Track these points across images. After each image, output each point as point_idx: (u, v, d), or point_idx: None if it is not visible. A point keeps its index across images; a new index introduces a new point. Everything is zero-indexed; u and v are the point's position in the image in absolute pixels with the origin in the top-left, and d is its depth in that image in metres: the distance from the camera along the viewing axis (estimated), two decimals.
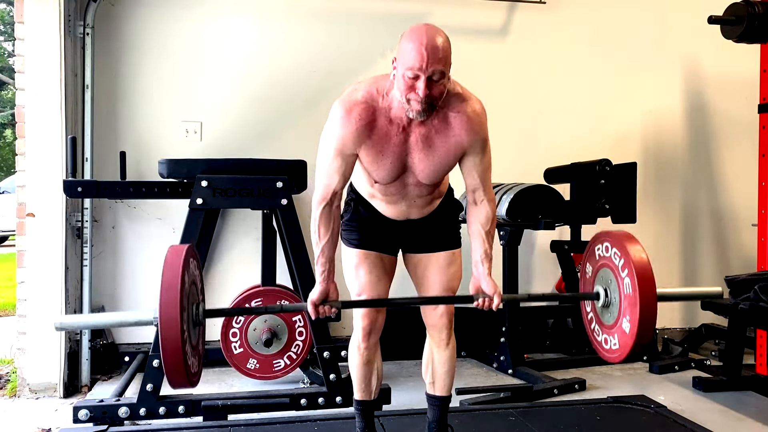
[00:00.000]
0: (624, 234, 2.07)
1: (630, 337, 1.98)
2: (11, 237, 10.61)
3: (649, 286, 1.93)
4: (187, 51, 3.90)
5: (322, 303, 1.99)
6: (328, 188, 1.98)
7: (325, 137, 1.97)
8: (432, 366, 2.25)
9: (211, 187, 2.94)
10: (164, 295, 1.74)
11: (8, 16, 17.95)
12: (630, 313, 1.97)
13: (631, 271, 1.95)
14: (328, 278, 2.02)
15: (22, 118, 3.28)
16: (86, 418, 2.70)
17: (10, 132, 18.09)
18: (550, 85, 4.32)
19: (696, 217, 4.54)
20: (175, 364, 1.73)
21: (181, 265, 1.79)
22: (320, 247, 2.02)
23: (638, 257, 1.96)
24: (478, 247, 2.06)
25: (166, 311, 1.72)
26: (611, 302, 2.08)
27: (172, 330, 1.71)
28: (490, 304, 2.01)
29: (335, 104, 1.94)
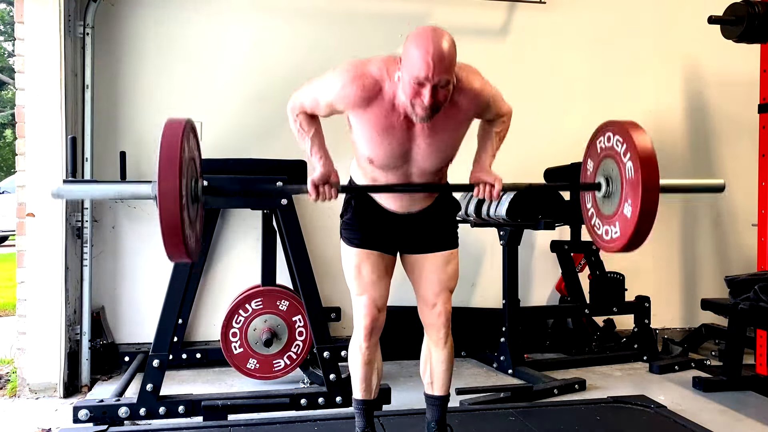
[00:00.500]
0: (628, 121, 2.05)
1: (631, 222, 1.94)
2: (11, 237, 10.61)
3: (652, 167, 1.90)
4: (188, 51, 3.90)
5: (323, 183, 2.00)
6: (302, 107, 2.03)
7: (328, 79, 1.96)
8: (430, 365, 2.25)
9: (211, 187, 2.94)
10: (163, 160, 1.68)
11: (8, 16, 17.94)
12: (632, 197, 1.94)
13: (635, 155, 1.92)
14: (327, 161, 2.04)
15: (22, 118, 3.28)
16: (86, 418, 2.70)
17: (10, 132, 18.09)
18: (550, 85, 4.32)
19: (696, 217, 4.54)
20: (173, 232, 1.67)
21: (180, 134, 1.73)
22: (309, 138, 2.05)
23: (641, 141, 1.93)
24: (486, 143, 2.09)
25: (165, 176, 1.66)
26: (612, 192, 2.06)
27: (170, 195, 1.66)
28: (491, 191, 2.01)
29: (349, 62, 1.94)
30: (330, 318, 3.90)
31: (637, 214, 1.92)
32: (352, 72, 1.90)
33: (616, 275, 4.03)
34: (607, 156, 2.09)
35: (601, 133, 2.15)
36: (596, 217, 2.18)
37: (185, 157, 1.75)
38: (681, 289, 4.54)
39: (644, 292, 4.02)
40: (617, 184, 2.03)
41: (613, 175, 2.06)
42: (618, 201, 2.02)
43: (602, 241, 2.15)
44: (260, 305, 3.21)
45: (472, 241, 4.15)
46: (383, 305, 2.17)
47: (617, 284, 4.00)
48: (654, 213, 1.93)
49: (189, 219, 1.78)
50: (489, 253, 4.23)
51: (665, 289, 4.45)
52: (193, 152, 1.90)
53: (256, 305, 3.21)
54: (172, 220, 1.67)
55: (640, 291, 4.04)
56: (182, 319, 3.05)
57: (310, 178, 2.00)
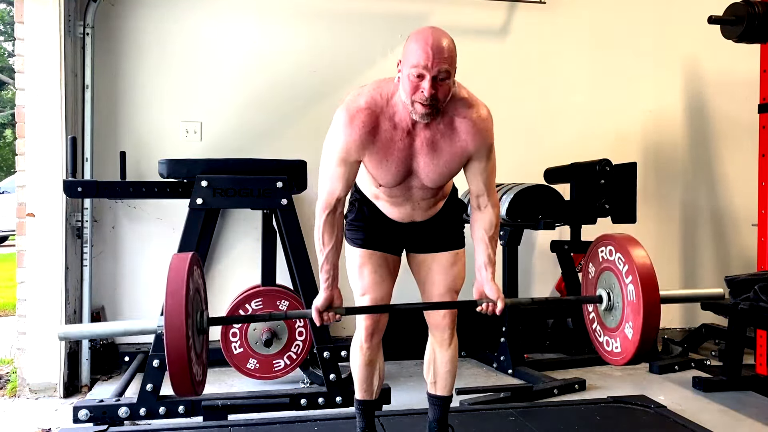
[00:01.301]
0: (628, 238, 2.07)
1: (633, 343, 1.99)
2: (11, 237, 10.60)
3: (653, 294, 1.94)
4: (188, 51, 3.90)
5: (326, 310, 2.00)
6: (332, 195, 1.98)
7: (328, 144, 1.96)
8: (434, 366, 2.25)
9: (211, 187, 2.94)
10: (170, 302, 1.73)
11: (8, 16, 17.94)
12: (633, 320, 1.98)
13: (635, 279, 1.95)
14: (332, 285, 2.02)
15: (22, 118, 3.28)
16: (86, 418, 2.71)
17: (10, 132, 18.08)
18: (550, 85, 4.32)
19: (696, 217, 4.54)
20: (181, 372, 1.73)
21: (185, 273, 1.78)
22: (324, 254, 2.02)
23: (642, 264, 1.96)
24: (482, 252, 2.07)
25: (171, 319, 1.71)
26: (614, 306, 2.09)
27: (177, 338, 1.71)
28: (494, 309, 2.02)
29: (338, 111, 1.93)
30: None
31: (638, 338, 1.96)
32: (346, 116, 1.90)
33: None
34: (608, 269, 2.12)
35: (602, 243, 2.17)
36: (597, 324, 2.21)
37: (191, 296, 1.79)
38: (682, 289, 4.53)
39: None
40: (618, 300, 2.07)
41: (614, 291, 2.10)
42: (619, 317, 2.06)
43: (603, 350, 2.18)
44: (260, 305, 3.21)
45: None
46: None
47: None
48: (656, 333, 1.97)
49: (195, 353, 1.83)
50: None
51: (665, 289, 4.43)
52: (198, 284, 1.93)
53: (256, 305, 3.21)
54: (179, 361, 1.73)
55: None
56: None
57: (315, 306, 2.00)
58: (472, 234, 2.11)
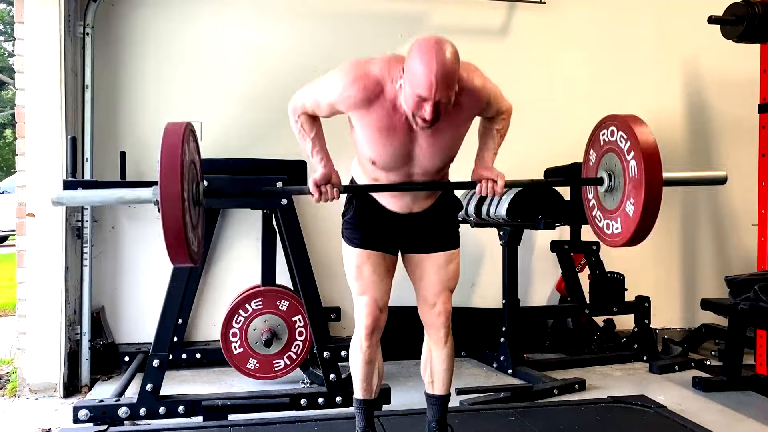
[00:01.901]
0: (631, 117, 2.04)
1: (633, 220, 1.95)
2: (11, 237, 10.60)
3: (655, 167, 1.90)
4: (188, 51, 3.90)
5: (324, 184, 2.00)
6: (304, 107, 2.02)
7: (329, 79, 1.95)
8: (431, 365, 2.25)
9: (212, 187, 2.94)
10: (165, 164, 1.67)
11: (8, 16, 17.94)
12: (635, 195, 1.94)
13: (638, 153, 1.92)
14: (328, 162, 2.04)
15: (22, 118, 3.28)
16: (86, 418, 2.70)
17: (10, 132, 18.09)
18: (550, 85, 4.32)
19: (696, 217, 4.54)
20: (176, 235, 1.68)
21: (180, 137, 1.73)
22: (310, 139, 2.05)
23: (645, 139, 1.93)
24: (487, 141, 2.10)
25: (166, 180, 1.66)
26: (615, 187, 2.06)
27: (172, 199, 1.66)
28: (494, 187, 2.02)
29: (351, 62, 1.94)
30: (330, 318, 3.90)
31: (639, 213, 1.92)
32: (353, 72, 1.90)
33: (616, 275, 4.03)
34: (610, 150, 2.09)
35: (604, 126, 2.14)
36: (597, 209, 2.18)
37: (186, 161, 1.76)
38: (681, 289, 4.54)
39: (644, 292, 4.02)
40: (620, 179, 2.03)
41: (615, 171, 2.06)
42: (620, 197, 2.02)
43: (603, 234, 2.15)
44: (260, 305, 3.21)
45: (472, 241, 4.15)
46: (384, 305, 2.17)
47: (617, 284, 4.00)
48: (657, 212, 1.94)
49: (191, 223, 1.79)
50: (489, 253, 4.23)
51: (665, 289, 4.45)
52: (194, 155, 1.90)
53: (256, 305, 3.21)
54: (175, 225, 1.68)
55: (640, 291, 4.04)
56: (182, 319, 3.04)
57: (312, 179, 2.01)
58: (480, 131, 2.13)
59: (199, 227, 1.89)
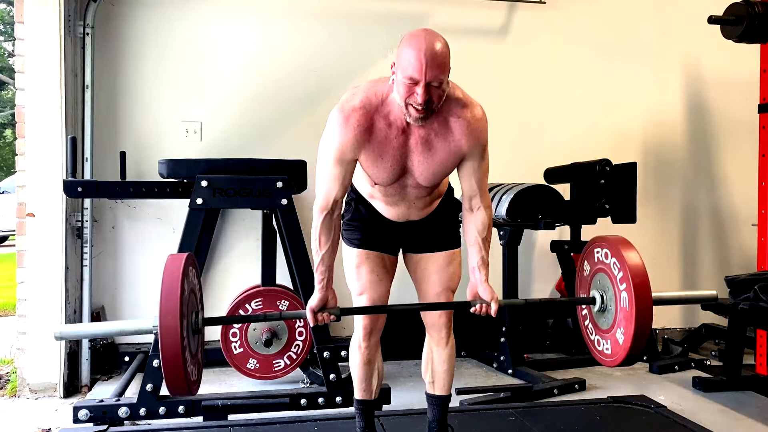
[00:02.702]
0: (623, 242, 2.06)
1: (623, 349, 2.01)
2: (11, 237, 10.60)
3: (646, 304, 1.94)
4: (188, 51, 3.90)
5: (320, 310, 2.00)
6: (329, 196, 1.99)
7: (324, 145, 1.97)
8: (431, 365, 2.25)
9: (211, 187, 2.94)
10: (164, 303, 1.74)
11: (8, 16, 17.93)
12: (625, 327, 1.99)
13: (629, 287, 1.96)
14: (326, 286, 2.03)
15: (22, 118, 3.28)
16: (86, 418, 2.71)
17: (10, 132, 18.08)
18: (549, 84, 4.32)
19: (696, 217, 4.54)
20: (175, 372, 1.74)
21: (180, 274, 1.79)
22: (320, 256, 2.03)
23: (637, 273, 1.96)
24: (475, 254, 2.07)
25: (165, 320, 1.73)
26: (607, 308, 2.10)
27: (171, 338, 1.72)
28: (488, 310, 2.02)
29: (333, 111, 1.94)
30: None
31: (629, 345, 1.98)
32: (341, 117, 1.90)
33: None
34: (603, 271, 2.12)
35: (597, 245, 2.16)
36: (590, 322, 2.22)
37: (185, 297, 1.80)
38: (681, 289, 4.53)
39: None
40: (611, 303, 2.08)
41: (607, 294, 2.10)
42: (612, 322, 2.07)
43: (594, 349, 2.21)
44: (260, 305, 3.21)
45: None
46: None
47: None
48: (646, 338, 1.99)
49: (190, 353, 1.84)
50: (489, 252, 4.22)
51: (665, 289, 4.40)
52: (194, 285, 1.93)
53: (256, 305, 3.21)
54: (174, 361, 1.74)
55: None
56: None
57: (309, 306, 2.00)
58: (464, 236, 2.12)
59: (198, 354, 1.94)
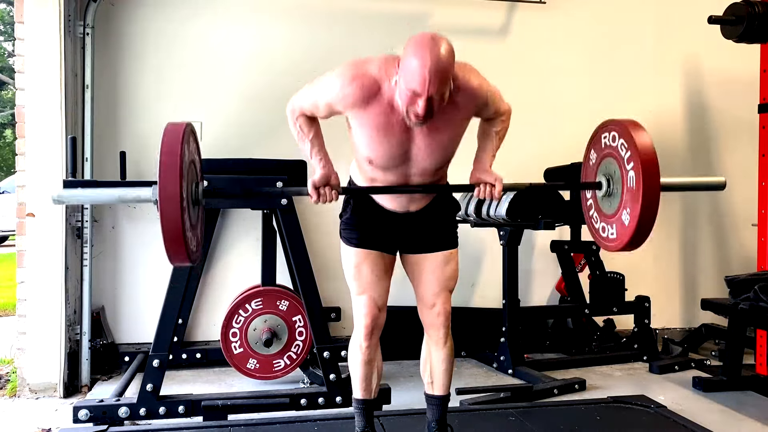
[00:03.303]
0: (633, 124, 2.04)
1: (629, 230, 1.97)
2: (11, 237, 10.60)
3: (653, 181, 1.91)
4: (188, 51, 3.90)
5: (323, 185, 2.01)
6: (302, 109, 2.02)
7: (327, 80, 1.96)
8: (430, 365, 2.25)
9: (211, 187, 2.94)
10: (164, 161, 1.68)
11: (8, 16, 17.93)
12: (631, 207, 1.96)
13: (637, 166, 1.92)
14: (327, 163, 2.05)
15: (22, 118, 3.28)
16: (86, 418, 2.71)
17: (10, 132, 18.08)
18: (550, 84, 4.32)
19: (696, 217, 4.54)
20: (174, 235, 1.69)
21: (180, 137, 1.74)
22: (308, 140, 2.05)
23: (645, 151, 1.93)
24: (486, 143, 2.09)
25: (165, 179, 1.67)
26: (613, 192, 2.07)
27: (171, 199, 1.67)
28: (492, 192, 2.02)
29: (348, 62, 1.94)
30: (330, 318, 3.90)
31: (634, 225, 1.95)
32: (351, 72, 1.91)
33: (616, 275, 4.03)
34: (610, 155, 2.09)
35: (606, 129, 2.14)
36: (595, 210, 2.19)
37: (185, 161, 1.76)
38: (681, 289, 4.54)
39: (644, 292, 4.02)
40: (618, 186, 2.04)
41: (614, 177, 2.06)
42: (618, 204, 2.03)
43: (599, 236, 2.17)
44: (260, 305, 3.21)
45: (472, 241, 4.15)
46: (383, 305, 2.17)
47: (617, 284, 4.00)
48: (652, 223, 1.96)
49: (190, 222, 1.79)
50: (489, 253, 4.23)
51: (665, 289, 4.45)
52: (194, 155, 1.90)
53: (256, 305, 3.21)
54: (173, 224, 1.68)
55: (640, 291, 4.04)
56: (182, 319, 3.05)
57: (311, 180, 2.01)
58: (479, 134, 2.13)
59: (198, 227, 1.89)
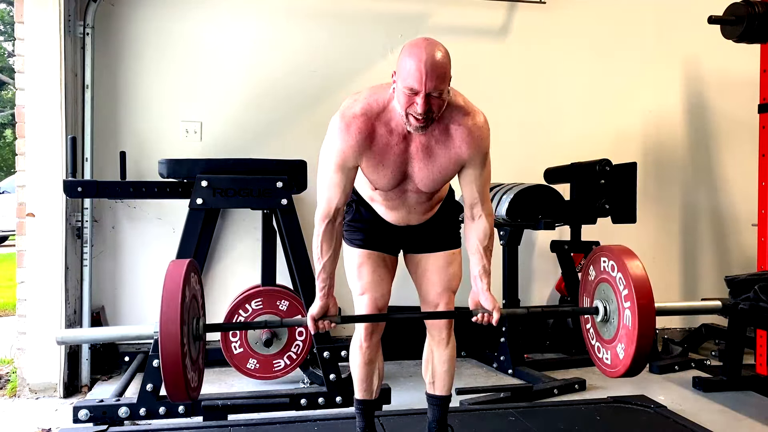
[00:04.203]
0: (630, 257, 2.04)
1: (623, 365, 2.03)
2: (11, 237, 10.60)
3: (648, 324, 1.94)
4: (188, 51, 3.90)
5: (321, 318, 2.01)
6: (330, 204, 1.99)
7: (325, 152, 1.97)
8: (432, 365, 2.25)
9: (211, 187, 2.94)
10: (165, 309, 1.74)
11: (8, 16, 17.94)
12: (626, 344, 2.00)
13: (633, 306, 1.96)
14: (328, 294, 2.04)
15: (22, 118, 3.28)
16: (86, 418, 2.71)
17: (10, 132, 18.08)
18: (549, 85, 4.32)
19: (696, 217, 4.54)
20: (175, 379, 1.74)
21: (182, 279, 1.78)
22: (322, 263, 2.03)
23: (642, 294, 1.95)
24: (477, 262, 2.07)
25: (166, 326, 1.72)
26: (609, 320, 2.11)
27: (172, 345, 1.72)
28: (490, 320, 2.02)
29: (334, 118, 1.94)
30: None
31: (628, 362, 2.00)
32: (341, 124, 1.91)
33: None
34: (608, 281, 2.12)
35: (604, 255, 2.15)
36: (591, 327, 2.23)
37: (186, 303, 1.80)
38: (681, 289, 4.54)
39: None
40: (614, 316, 2.08)
41: (611, 306, 2.10)
42: (614, 334, 2.08)
43: (594, 355, 2.23)
44: (260, 305, 3.21)
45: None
46: (384, 305, 2.17)
47: None
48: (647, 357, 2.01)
49: (191, 359, 1.83)
50: None
51: (665, 289, 4.45)
52: (195, 290, 1.93)
53: (256, 305, 3.21)
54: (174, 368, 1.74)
55: None
56: None
57: (310, 314, 2.01)
58: (465, 244, 2.11)
59: (199, 361, 1.93)
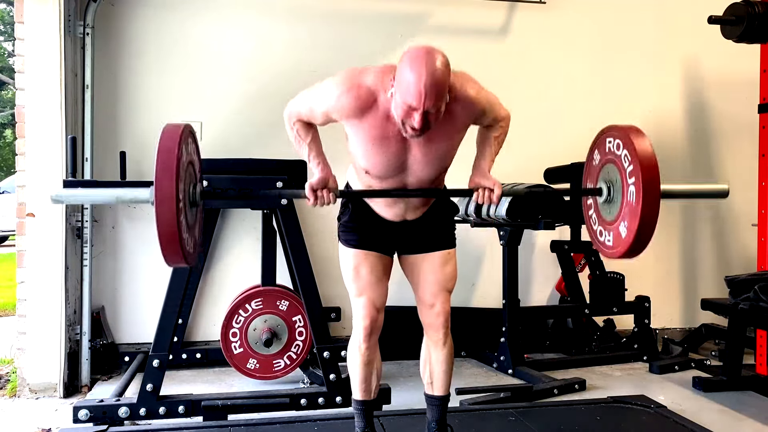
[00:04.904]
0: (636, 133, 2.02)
1: (625, 243, 1.97)
2: (11, 237, 10.60)
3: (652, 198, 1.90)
4: (188, 51, 3.90)
5: (321, 188, 2.01)
6: (299, 114, 2.03)
7: (324, 88, 1.96)
8: (430, 366, 2.25)
9: (211, 187, 2.94)
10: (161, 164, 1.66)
11: (8, 16, 17.94)
12: (629, 221, 1.95)
13: (638, 182, 1.91)
14: (325, 167, 2.05)
15: (22, 118, 3.28)
16: (86, 418, 2.71)
17: (10, 132, 18.09)
18: (550, 85, 4.32)
19: (696, 217, 4.54)
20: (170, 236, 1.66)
21: (178, 138, 1.72)
22: (306, 144, 2.05)
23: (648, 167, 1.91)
24: (485, 148, 2.09)
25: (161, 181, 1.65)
26: (613, 200, 2.06)
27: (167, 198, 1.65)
28: (491, 196, 2.02)
29: (345, 71, 1.94)
30: (330, 318, 3.90)
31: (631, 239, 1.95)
32: (347, 82, 1.91)
33: (616, 275, 4.03)
34: (613, 162, 2.08)
35: (610, 135, 2.13)
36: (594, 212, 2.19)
37: (183, 162, 1.75)
38: (681, 289, 4.54)
39: (644, 292, 4.02)
40: (618, 195, 2.05)
41: (615, 185, 2.06)
42: (617, 213, 2.04)
43: (596, 239, 2.18)
44: (260, 305, 3.21)
45: (472, 241, 4.15)
46: (382, 306, 2.17)
47: (617, 284, 4.00)
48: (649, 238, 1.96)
49: (187, 223, 1.78)
50: (489, 253, 4.23)
51: (665, 289, 4.45)
52: (192, 156, 1.89)
53: (256, 305, 3.21)
54: (169, 226, 1.67)
55: (640, 291, 4.04)
56: (182, 319, 3.04)
57: (308, 183, 2.01)
58: (478, 139, 2.12)
59: (196, 228, 1.88)
